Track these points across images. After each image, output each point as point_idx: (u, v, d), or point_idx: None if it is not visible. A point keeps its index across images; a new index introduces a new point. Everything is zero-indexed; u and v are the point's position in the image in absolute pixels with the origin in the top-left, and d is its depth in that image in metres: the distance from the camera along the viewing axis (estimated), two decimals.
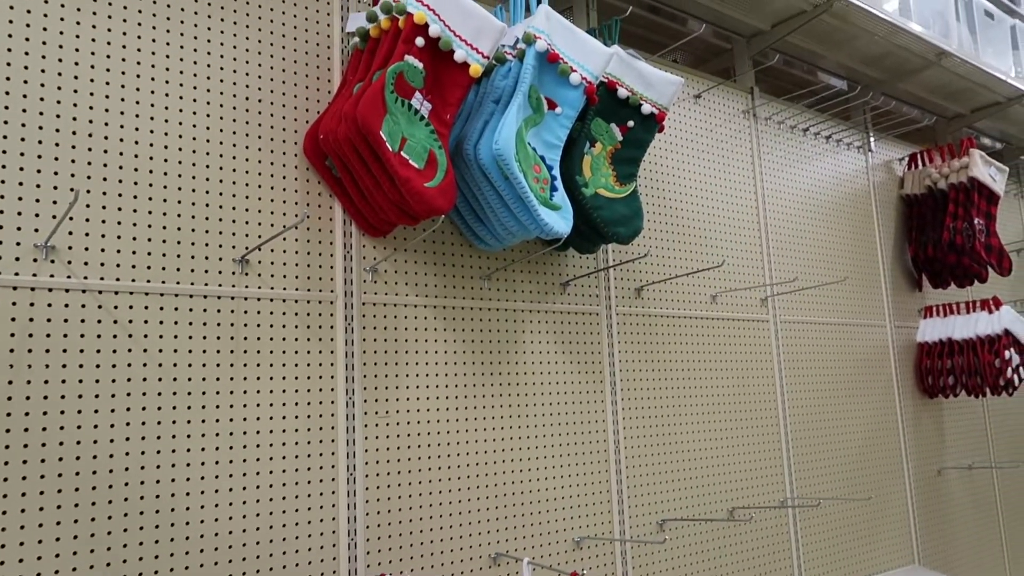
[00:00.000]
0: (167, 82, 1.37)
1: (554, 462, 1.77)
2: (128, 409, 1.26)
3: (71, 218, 1.25)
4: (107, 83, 1.31)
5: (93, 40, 1.30)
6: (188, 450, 1.30)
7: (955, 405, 2.95)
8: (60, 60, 1.27)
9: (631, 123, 1.77)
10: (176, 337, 1.32)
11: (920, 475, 2.73)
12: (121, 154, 1.31)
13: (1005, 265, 2.78)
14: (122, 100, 1.32)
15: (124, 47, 1.34)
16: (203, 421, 1.32)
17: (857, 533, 2.44)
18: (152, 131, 1.34)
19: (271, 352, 1.42)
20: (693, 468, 2.04)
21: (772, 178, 2.44)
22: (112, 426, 1.24)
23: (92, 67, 1.30)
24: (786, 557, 2.21)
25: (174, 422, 1.30)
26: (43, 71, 1.25)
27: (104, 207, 1.28)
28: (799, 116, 2.57)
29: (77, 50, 1.29)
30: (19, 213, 1.20)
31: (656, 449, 1.97)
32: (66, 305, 1.23)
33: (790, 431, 2.30)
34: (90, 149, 1.28)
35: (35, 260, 1.21)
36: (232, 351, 1.37)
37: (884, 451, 2.61)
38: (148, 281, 1.31)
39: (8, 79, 1.22)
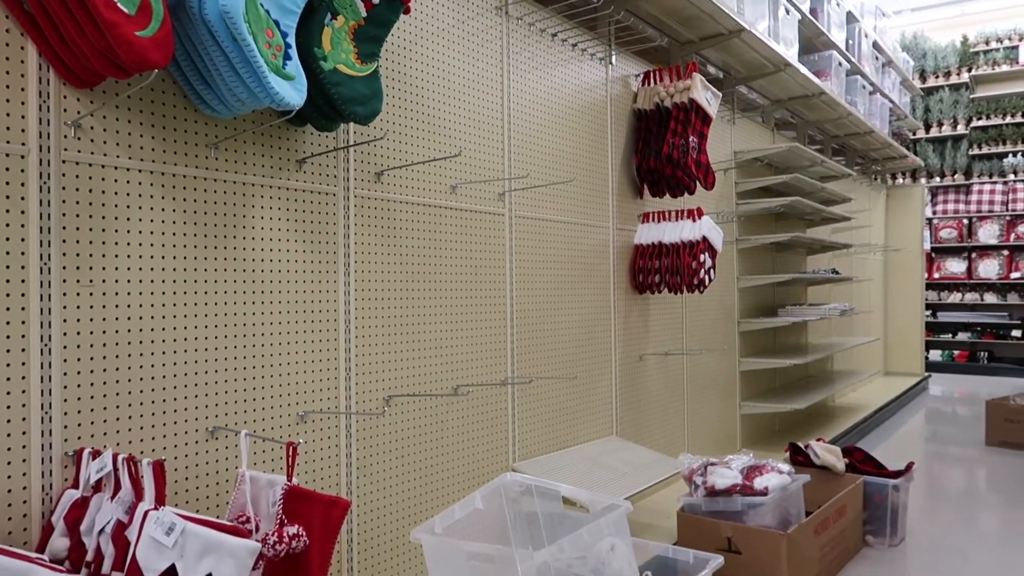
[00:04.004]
0: None
1: (280, 339, 1.77)
2: None
3: None
4: None
5: None
6: None
7: (659, 301, 3.37)
8: None
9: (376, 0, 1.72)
10: None
11: (625, 360, 3.10)
12: None
13: (710, 181, 3.16)
14: None
15: None
16: None
17: (567, 409, 2.74)
18: None
19: None
20: (423, 349, 2.15)
21: (519, 78, 2.53)
22: None
23: None
24: (503, 429, 2.43)
25: None
26: None
27: None
28: (549, 20, 2.67)
29: None
30: None
31: (387, 330, 2.04)
32: None
33: (516, 318, 2.50)
34: None
35: None
36: None
37: (597, 339, 2.93)
38: None
39: None
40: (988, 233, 8.43)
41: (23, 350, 1.33)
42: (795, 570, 2.35)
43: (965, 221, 8.58)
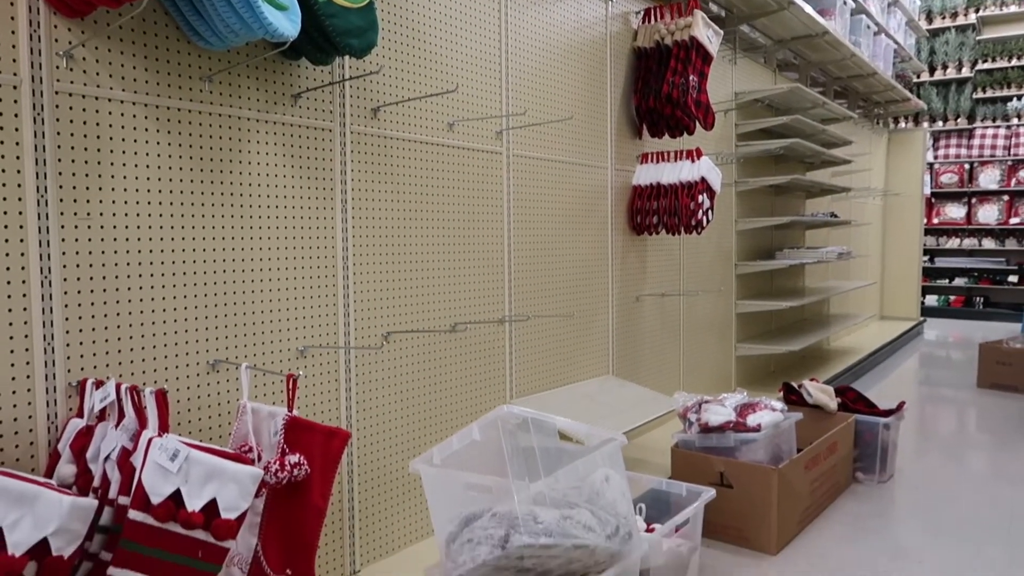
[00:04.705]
0: None
1: (280, 275, 1.78)
2: None
3: None
4: None
5: None
6: None
7: (657, 242, 3.38)
8: None
9: None
10: None
11: (622, 301, 3.12)
12: None
13: (710, 120, 3.13)
14: None
15: None
16: None
17: (564, 349, 2.77)
18: None
19: None
20: (421, 286, 2.16)
21: (516, 13, 2.49)
22: None
23: None
24: (500, 367, 2.46)
25: None
26: None
27: None
28: None
29: None
30: None
31: (386, 267, 2.05)
32: None
33: (513, 257, 2.50)
34: None
35: None
36: None
37: (594, 279, 2.94)
38: None
39: None
40: (989, 178, 8.39)
41: (23, 282, 1.34)
42: (785, 503, 2.41)
43: (966, 166, 8.53)
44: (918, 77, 8.60)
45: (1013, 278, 8.35)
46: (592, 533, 1.64)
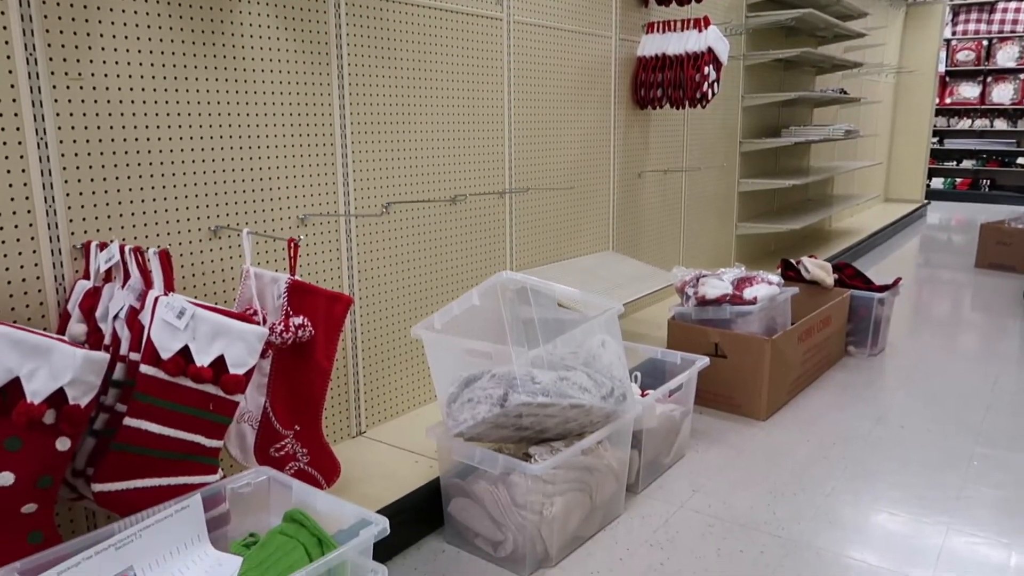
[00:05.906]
0: None
1: (277, 142, 1.76)
2: None
3: None
4: None
5: None
6: None
7: (660, 116, 3.31)
8: None
9: None
10: None
11: (623, 176, 3.10)
12: None
13: None
14: None
15: None
16: None
17: (565, 223, 2.78)
18: None
19: None
20: (421, 157, 2.14)
21: None
22: None
23: None
24: (500, 240, 2.48)
25: None
26: None
27: None
28: None
29: None
30: None
31: (384, 137, 2.03)
32: None
33: (514, 128, 2.47)
34: None
35: None
36: None
37: (596, 154, 2.91)
38: None
39: None
40: (1007, 55, 8.12)
41: (20, 143, 1.33)
42: (776, 372, 2.49)
43: (984, 43, 8.24)
44: None
45: (1022, 160, 8.24)
46: (588, 394, 1.70)
